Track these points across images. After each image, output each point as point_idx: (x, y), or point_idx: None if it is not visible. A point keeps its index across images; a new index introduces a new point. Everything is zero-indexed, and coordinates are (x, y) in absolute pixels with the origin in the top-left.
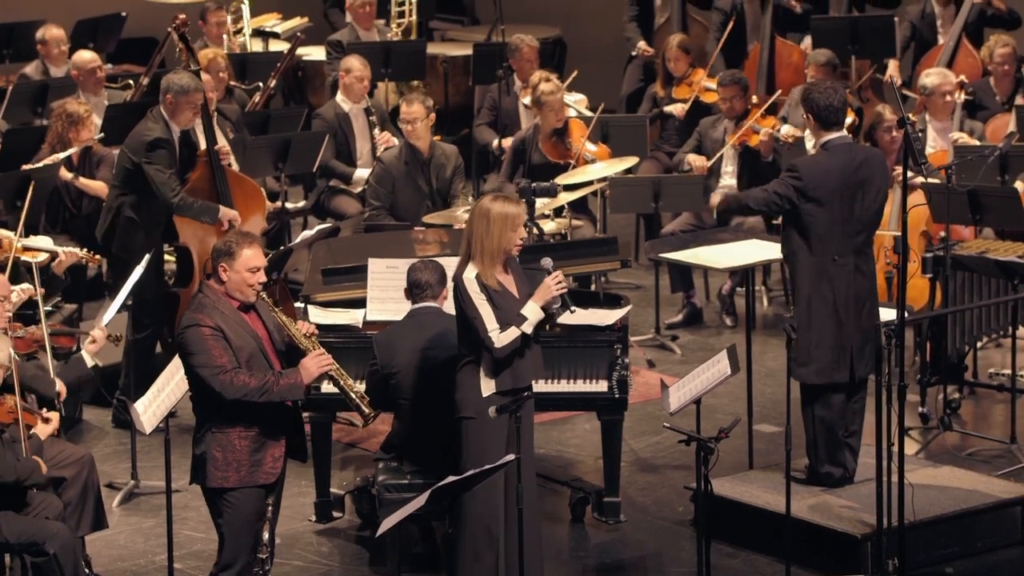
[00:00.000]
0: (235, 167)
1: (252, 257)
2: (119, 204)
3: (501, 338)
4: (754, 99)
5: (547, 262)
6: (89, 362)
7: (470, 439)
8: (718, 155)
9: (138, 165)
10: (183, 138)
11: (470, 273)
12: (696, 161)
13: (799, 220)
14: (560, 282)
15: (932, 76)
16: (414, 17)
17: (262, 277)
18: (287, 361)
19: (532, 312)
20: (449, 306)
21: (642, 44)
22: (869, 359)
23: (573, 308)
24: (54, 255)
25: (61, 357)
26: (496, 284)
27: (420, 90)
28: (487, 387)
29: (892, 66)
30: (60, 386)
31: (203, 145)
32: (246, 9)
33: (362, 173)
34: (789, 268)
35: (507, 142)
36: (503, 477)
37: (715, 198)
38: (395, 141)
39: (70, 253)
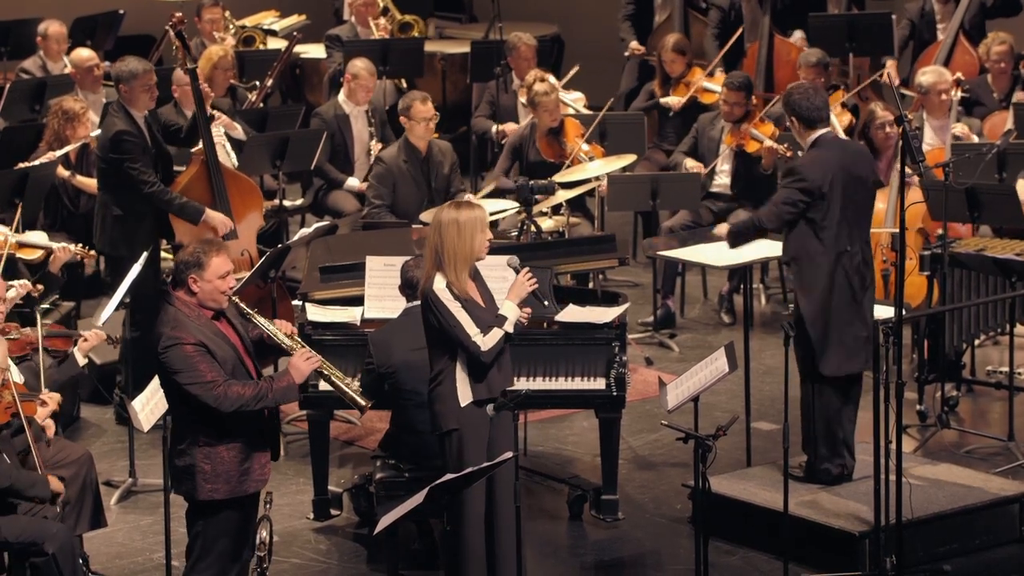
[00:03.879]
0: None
1: (221, 263)
2: (105, 204)
3: (486, 340)
4: (752, 100)
5: (514, 260)
6: (80, 361)
7: (453, 450)
8: (716, 160)
9: (109, 163)
10: (151, 121)
11: (440, 283)
12: (693, 168)
13: (808, 217)
14: (531, 278)
15: (928, 74)
16: (398, 14)
17: (232, 281)
18: (258, 358)
19: (510, 310)
20: None
21: (634, 44)
22: (868, 350)
23: (546, 302)
24: (49, 252)
25: (56, 359)
26: (466, 294)
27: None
28: (465, 395)
29: (890, 66)
30: (50, 406)
31: (196, 141)
32: (228, 13)
33: (353, 182)
34: (796, 267)
35: (508, 127)
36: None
37: (722, 229)
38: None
39: (64, 249)
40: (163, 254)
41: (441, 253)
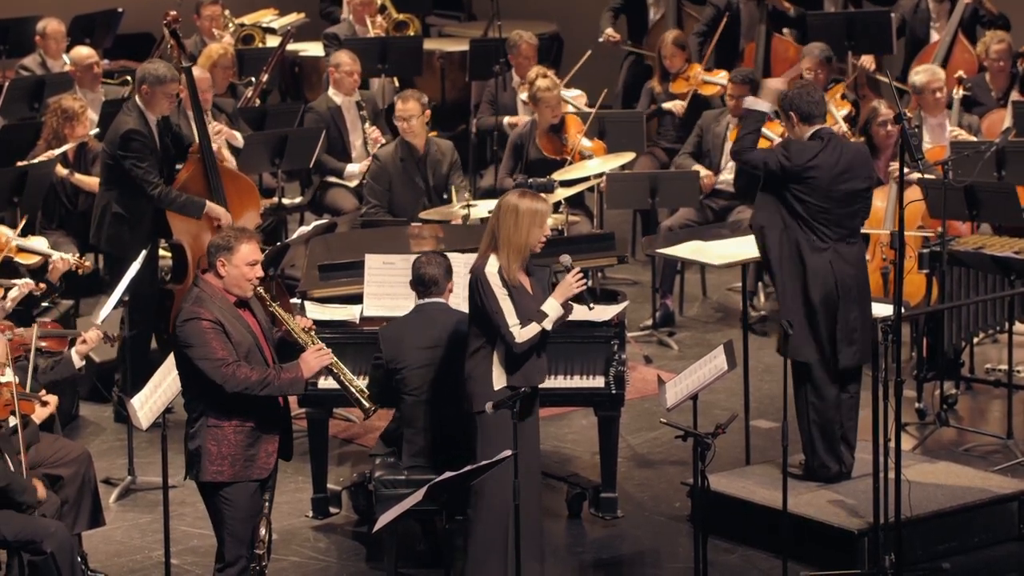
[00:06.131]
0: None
1: (250, 252)
2: (106, 200)
3: (522, 333)
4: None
5: (566, 259)
6: (77, 363)
7: (485, 432)
8: (722, 158)
9: (116, 159)
10: (164, 126)
11: (492, 267)
12: (705, 176)
13: (784, 199)
14: (581, 279)
15: (920, 74)
16: (394, 12)
17: (259, 271)
18: (279, 357)
19: (553, 309)
20: (455, 300)
21: (608, 31)
22: (858, 348)
23: (592, 305)
24: (47, 259)
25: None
26: (516, 282)
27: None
28: (499, 379)
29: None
30: (51, 406)
31: (194, 139)
32: (227, 12)
33: (353, 168)
34: (759, 240)
35: (515, 119)
36: (511, 472)
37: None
38: (382, 138)
39: (63, 260)
40: (161, 251)
41: (497, 236)
